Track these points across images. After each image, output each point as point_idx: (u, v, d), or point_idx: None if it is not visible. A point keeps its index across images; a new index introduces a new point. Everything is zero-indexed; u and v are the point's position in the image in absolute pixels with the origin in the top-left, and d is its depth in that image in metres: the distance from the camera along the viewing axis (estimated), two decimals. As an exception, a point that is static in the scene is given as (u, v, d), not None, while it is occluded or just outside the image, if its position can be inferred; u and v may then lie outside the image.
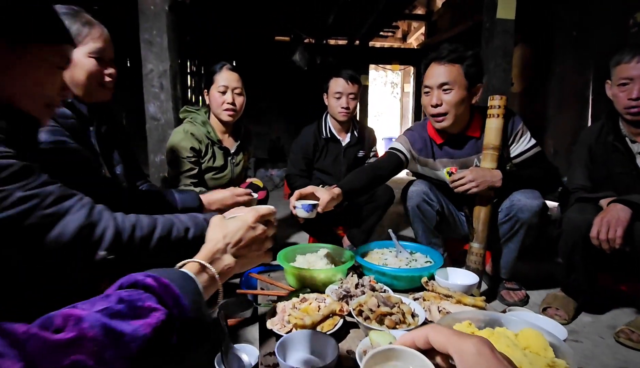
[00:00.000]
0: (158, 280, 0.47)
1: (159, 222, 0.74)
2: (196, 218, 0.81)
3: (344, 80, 2.11)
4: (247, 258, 0.68)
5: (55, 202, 0.63)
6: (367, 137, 2.36)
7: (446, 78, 1.45)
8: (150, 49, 2.36)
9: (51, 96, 0.74)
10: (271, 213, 0.73)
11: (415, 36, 7.27)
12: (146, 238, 0.71)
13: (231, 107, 1.73)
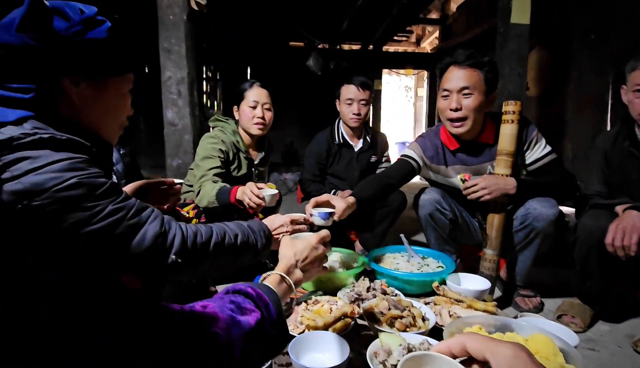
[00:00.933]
0: (254, 290, 0.63)
1: (214, 230, 0.82)
2: (242, 225, 0.91)
3: (355, 87, 2.14)
4: (310, 273, 0.83)
5: (136, 213, 0.71)
6: (380, 142, 2.38)
7: (467, 82, 1.45)
8: (168, 57, 2.44)
9: (124, 119, 0.86)
10: (328, 236, 0.90)
11: (430, 40, 7.24)
12: (205, 244, 0.79)
13: (261, 121, 1.81)
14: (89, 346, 0.48)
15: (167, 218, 0.77)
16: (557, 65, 3.82)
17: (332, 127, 2.31)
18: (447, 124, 1.55)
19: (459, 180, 1.60)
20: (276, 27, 5.26)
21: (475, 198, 1.44)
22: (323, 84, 5.74)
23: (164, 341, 0.52)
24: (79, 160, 0.67)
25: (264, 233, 0.92)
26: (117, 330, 0.49)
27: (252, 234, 0.89)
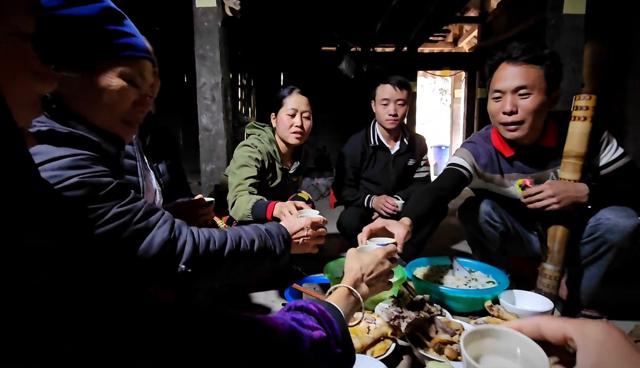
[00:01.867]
0: (317, 307, 0.59)
1: (229, 236, 0.78)
2: (259, 229, 0.86)
3: (392, 86, 2.03)
4: (375, 288, 0.80)
5: (144, 217, 0.66)
6: (418, 144, 2.24)
7: (524, 80, 1.26)
8: (203, 63, 2.47)
9: (125, 111, 0.77)
10: (395, 250, 0.87)
11: (467, 40, 6.93)
12: (219, 252, 0.74)
13: (299, 130, 1.74)
14: (90, 346, 0.43)
15: (179, 223, 0.72)
16: (615, 60, 3.47)
17: (367, 129, 2.21)
18: (500, 129, 1.37)
19: (517, 187, 1.41)
20: (309, 32, 5.26)
21: (540, 208, 1.25)
22: (356, 87, 5.65)
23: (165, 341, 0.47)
24: (83, 157, 0.62)
25: (283, 238, 0.88)
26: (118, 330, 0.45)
27: (269, 239, 0.85)
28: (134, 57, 0.74)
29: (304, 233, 0.95)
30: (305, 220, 0.96)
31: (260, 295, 1.62)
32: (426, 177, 2.25)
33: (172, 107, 5.65)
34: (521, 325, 0.39)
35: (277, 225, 0.90)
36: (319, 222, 0.99)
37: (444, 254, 1.42)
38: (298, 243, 0.94)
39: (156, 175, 1.22)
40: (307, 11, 4.50)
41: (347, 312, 0.67)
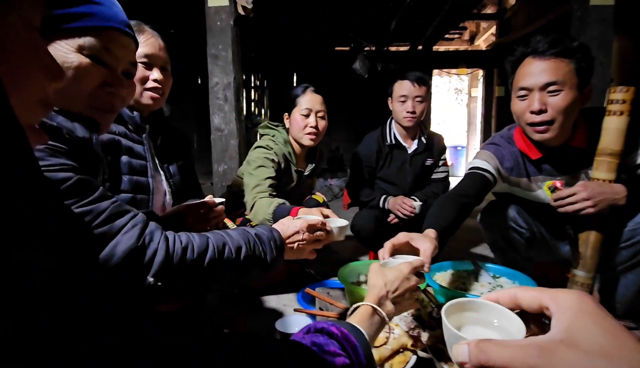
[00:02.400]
0: (340, 330, 0.53)
1: (210, 242, 0.69)
2: (247, 234, 0.77)
3: (410, 83, 1.95)
4: (401, 306, 0.74)
5: (108, 220, 0.59)
6: (436, 143, 2.16)
7: (553, 76, 1.14)
8: (216, 63, 2.45)
9: (89, 94, 0.65)
10: (422, 265, 0.81)
11: (485, 37, 6.76)
12: (197, 261, 0.65)
13: (314, 131, 1.66)
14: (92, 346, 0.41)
15: (152, 229, 0.63)
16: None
17: (383, 127, 2.14)
18: (527, 129, 1.24)
19: (546, 189, 1.31)
20: (322, 31, 5.22)
21: (573, 212, 1.14)
22: (369, 87, 5.58)
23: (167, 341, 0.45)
24: None
25: (275, 243, 0.80)
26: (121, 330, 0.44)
27: (259, 245, 0.76)
28: (95, 28, 0.62)
29: (299, 237, 0.86)
30: (301, 222, 0.88)
31: (273, 298, 1.58)
32: (444, 178, 2.17)
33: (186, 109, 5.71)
34: (498, 296, 0.41)
35: (269, 229, 0.83)
36: (317, 224, 0.91)
37: (462, 257, 1.34)
38: (292, 248, 0.86)
39: (166, 176, 1.18)
40: (320, 10, 4.46)
41: (372, 334, 0.62)
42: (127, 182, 1.04)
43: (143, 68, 1.08)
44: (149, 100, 1.11)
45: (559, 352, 0.32)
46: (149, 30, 1.11)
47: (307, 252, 0.91)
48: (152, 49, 1.09)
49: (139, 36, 1.07)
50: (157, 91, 1.11)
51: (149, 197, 1.08)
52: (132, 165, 1.06)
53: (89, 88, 0.65)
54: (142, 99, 1.10)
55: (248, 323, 1.34)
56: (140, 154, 1.10)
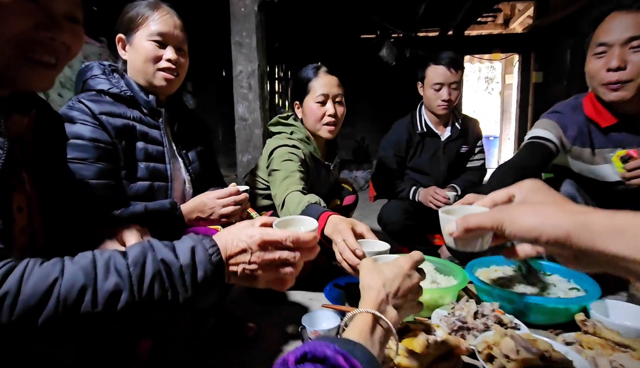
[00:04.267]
0: (349, 361, 0.42)
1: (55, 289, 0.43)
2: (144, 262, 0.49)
3: (445, 68, 1.79)
4: (404, 311, 0.60)
5: None
6: (471, 129, 2.00)
7: (638, 30, 1.05)
8: (240, 50, 2.40)
9: (19, 35, 0.52)
10: (422, 258, 0.66)
11: (521, 20, 6.34)
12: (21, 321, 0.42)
13: (332, 121, 1.43)
14: None
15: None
16: None
17: (414, 114, 2.00)
18: (600, 90, 1.15)
19: (615, 160, 1.17)
20: (347, 19, 5.06)
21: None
22: (396, 75, 5.37)
23: None
24: None
25: (193, 274, 0.50)
26: None
27: (161, 280, 0.48)
28: None
29: (245, 259, 0.54)
30: (260, 233, 0.55)
31: (298, 293, 1.51)
32: (481, 166, 2.02)
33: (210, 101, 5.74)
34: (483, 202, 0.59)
35: (194, 245, 0.52)
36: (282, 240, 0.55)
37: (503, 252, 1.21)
38: (236, 273, 0.55)
39: (185, 163, 1.13)
40: None
41: (379, 351, 0.51)
42: (144, 169, 0.99)
43: (156, 46, 1.02)
44: (163, 81, 1.04)
45: (514, 207, 0.49)
46: (165, 7, 1.04)
47: (264, 281, 0.57)
48: (166, 26, 1.02)
49: (153, 12, 1.01)
50: (171, 72, 1.04)
51: (167, 185, 1.03)
52: (148, 151, 1.01)
53: (16, 29, 0.51)
54: (154, 79, 1.04)
55: (274, 319, 1.28)
56: (157, 140, 1.05)
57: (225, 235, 0.56)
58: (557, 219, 0.42)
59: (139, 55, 1.01)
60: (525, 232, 0.43)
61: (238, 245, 0.54)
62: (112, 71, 1.06)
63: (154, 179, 1.01)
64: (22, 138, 0.61)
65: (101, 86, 0.99)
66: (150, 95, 1.05)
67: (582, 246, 0.40)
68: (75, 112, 0.92)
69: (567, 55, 4.66)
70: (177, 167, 1.10)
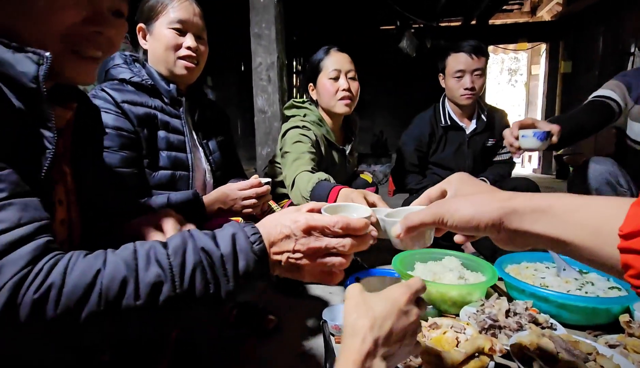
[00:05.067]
0: None
1: (98, 281, 0.42)
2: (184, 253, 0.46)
3: (467, 55, 1.72)
4: (396, 358, 0.48)
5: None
6: (498, 121, 1.92)
7: None
8: (259, 42, 2.38)
9: (67, 27, 0.51)
10: (423, 287, 0.53)
11: (549, 7, 6.05)
12: (66, 315, 0.40)
13: (347, 95, 1.44)
14: None
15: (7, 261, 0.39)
16: None
17: (436, 107, 1.93)
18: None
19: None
20: (367, 10, 4.97)
21: None
22: (417, 67, 5.25)
23: None
24: None
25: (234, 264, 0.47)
26: None
27: (203, 271, 0.45)
28: None
29: (290, 247, 0.49)
30: (305, 219, 0.49)
31: (318, 287, 1.49)
32: (509, 159, 1.93)
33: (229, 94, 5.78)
34: (419, 200, 0.63)
35: (235, 233, 0.48)
36: (330, 226, 0.49)
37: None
38: (281, 263, 0.50)
39: (206, 153, 1.12)
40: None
41: None
42: (166, 158, 0.99)
43: (176, 34, 1.01)
44: (183, 70, 1.04)
45: (450, 201, 0.52)
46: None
47: (310, 273, 0.52)
48: (185, 13, 1.01)
49: (172, 0, 1.00)
50: (191, 60, 1.04)
51: (189, 174, 1.03)
52: (169, 140, 1.01)
53: (66, 23, 0.50)
54: (175, 68, 1.03)
55: (294, 312, 1.26)
56: (178, 129, 1.05)
57: (269, 221, 0.51)
58: (490, 207, 0.46)
59: (159, 44, 1.01)
60: (465, 222, 0.47)
61: (282, 231, 0.49)
62: (134, 61, 1.06)
63: (176, 168, 1.00)
64: (63, 131, 0.61)
65: (123, 75, 0.99)
66: (171, 84, 1.04)
67: (513, 228, 0.44)
68: (99, 101, 0.92)
69: (599, 43, 4.42)
70: (198, 157, 1.09)
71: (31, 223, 0.42)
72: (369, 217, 0.56)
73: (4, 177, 0.42)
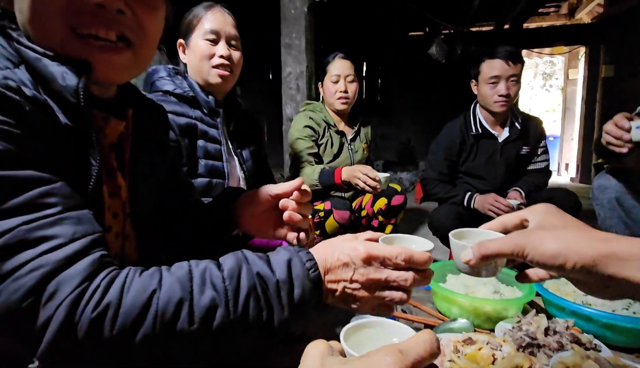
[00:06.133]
0: None
1: (153, 303, 0.40)
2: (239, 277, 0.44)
3: (503, 61, 1.68)
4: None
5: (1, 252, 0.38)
6: (533, 129, 1.86)
7: None
8: (289, 52, 2.44)
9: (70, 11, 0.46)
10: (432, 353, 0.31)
11: (588, 9, 5.77)
12: (120, 337, 0.39)
13: (344, 96, 1.73)
14: None
15: (64, 277, 0.38)
16: None
17: (467, 115, 1.89)
18: None
19: None
20: (395, 17, 4.95)
21: None
22: (445, 73, 5.15)
23: None
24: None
25: (290, 293, 0.44)
26: None
27: (257, 297, 0.43)
28: None
29: (347, 276, 0.46)
30: (365, 247, 0.47)
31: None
32: (545, 168, 1.86)
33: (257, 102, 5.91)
34: (490, 225, 0.57)
35: (290, 259, 0.46)
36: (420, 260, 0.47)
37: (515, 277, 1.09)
38: (335, 293, 0.48)
39: (240, 162, 1.16)
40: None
41: None
42: (204, 166, 1.04)
43: (209, 44, 1.06)
44: (217, 78, 1.08)
45: (534, 232, 0.47)
46: (218, 6, 1.09)
47: (366, 305, 0.48)
48: (218, 23, 1.07)
49: (206, 12, 1.06)
50: (224, 68, 1.08)
51: (224, 182, 1.07)
52: (207, 149, 1.06)
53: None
54: (209, 77, 1.08)
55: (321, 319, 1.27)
56: (215, 138, 1.09)
57: (325, 247, 0.49)
58: (583, 246, 0.41)
59: (194, 55, 1.07)
60: (549, 258, 0.43)
61: (339, 258, 0.47)
62: (176, 73, 1.12)
63: (212, 176, 1.05)
64: (118, 144, 0.59)
65: (167, 87, 1.05)
66: (210, 95, 1.09)
67: (608, 273, 0.40)
68: None
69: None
70: (233, 165, 1.14)
71: (85, 237, 0.42)
72: (431, 250, 0.53)
73: (57, 191, 0.42)
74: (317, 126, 1.75)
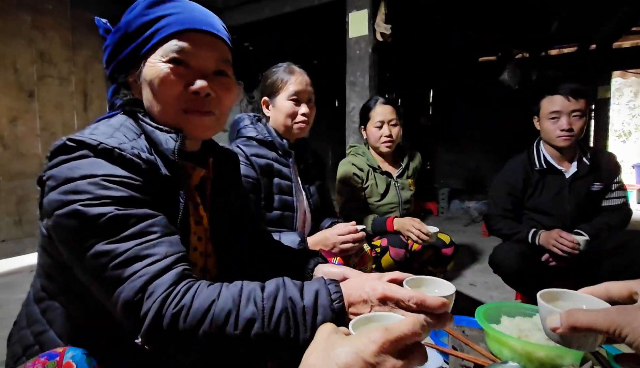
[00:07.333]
0: None
1: (212, 309, 0.54)
2: (275, 298, 0.55)
3: (563, 97, 1.64)
4: None
5: (123, 263, 0.55)
6: (605, 164, 1.74)
7: None
8: (353, 89, 2.62)
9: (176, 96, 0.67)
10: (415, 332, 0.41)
11: (699, 22, 5.03)
12: (189, 331, 0.53)
13: (388, 140, 1.79)
14: None
15: (163, 280, 0.55)
16: None
17: (530, 150, 1.85)
18: None
19: None
20: (464, 43, 4.88)
21: None
22: (520, 99, 4.89)
23: None
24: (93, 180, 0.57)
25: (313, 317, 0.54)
26: None
27: (286, 318, 0.54)
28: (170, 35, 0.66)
29: (366, 311, 0.55)
30: (383, 287, 0.55)
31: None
32: (621, 205, 1.72)
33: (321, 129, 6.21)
34: (593, 289, 0.48)
35: (318, 290, 0.56)
36: (433, 305, 0.52)
37: None
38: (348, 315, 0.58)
39: (307, 196, 1.34)
40: (464, 22, 4.20)
41: None
42: (278, 201, 1.23)
43: (293, 104, 1.27)
44: (298, 130, 1.30)
45: (636, 311, 0.39)
46: (297, 69, 1.30)
47: None
48: (300, 86, 1.27)
49: (290, 76, 1.27)
50: (304, 122, 1.29)
51: (293, 215, 1.24)
52: (281, 185, 1.25)
53: (174, 91, 0.67)
54: (292, 130, 1.30)
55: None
56: (288, 176, 1.29)
57: (352, 283, 0.59)
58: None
59: (280, 113, 1.28)
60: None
61: (361, 295, 0.56)
62: (257, 120, 1.35)
63: (284, 209, 1.24)
64: (201, 185, 0.80)
65: (250, 133, 1.29)
66: (284, 139, 1.30)
67: None
68: None
69: None
70: (300, 199, 1.32)
71: (173, 255, 0.58)
72: (450, 296, 0.55)
73: (157, 222, 0.60)
74: (360, 172, 1.80)
